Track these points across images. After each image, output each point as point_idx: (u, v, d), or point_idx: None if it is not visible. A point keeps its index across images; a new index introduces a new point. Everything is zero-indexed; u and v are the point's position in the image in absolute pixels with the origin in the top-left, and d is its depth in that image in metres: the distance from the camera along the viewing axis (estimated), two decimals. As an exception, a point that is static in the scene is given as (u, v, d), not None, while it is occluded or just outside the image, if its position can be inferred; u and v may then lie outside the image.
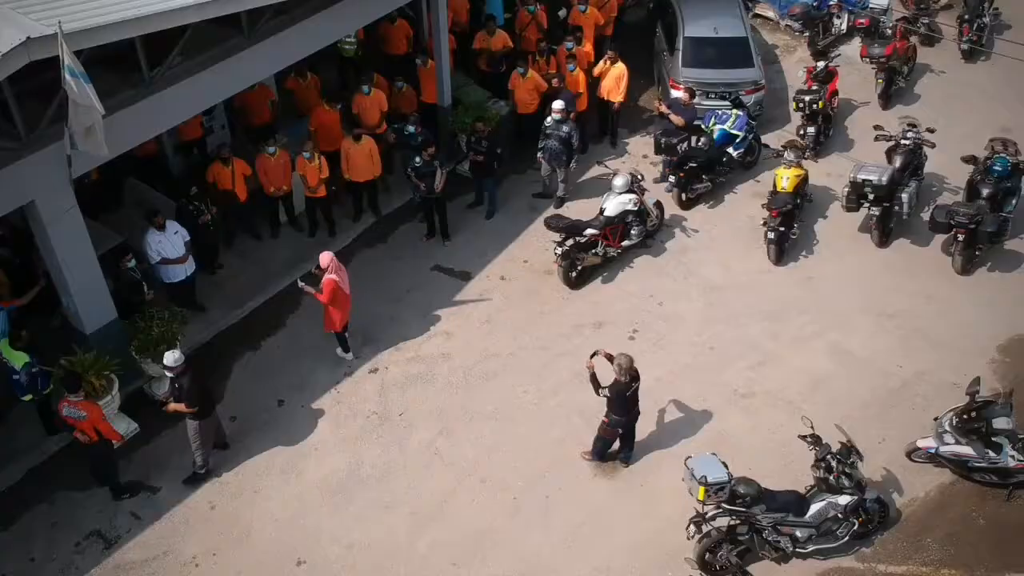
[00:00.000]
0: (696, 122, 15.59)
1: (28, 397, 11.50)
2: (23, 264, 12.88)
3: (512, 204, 15.81)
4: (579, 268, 14.10)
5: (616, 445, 11.68)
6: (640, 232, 14.42)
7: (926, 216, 14.71)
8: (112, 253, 12.68)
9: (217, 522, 11.25)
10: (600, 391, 11.05)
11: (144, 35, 10.50)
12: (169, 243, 12.84)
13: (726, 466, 10.25)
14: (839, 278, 14.35)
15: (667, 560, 10.77)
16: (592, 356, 11.16)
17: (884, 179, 13.99)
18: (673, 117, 15.44)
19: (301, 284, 12.55)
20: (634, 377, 11.05)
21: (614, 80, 16.11)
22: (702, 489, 10.02)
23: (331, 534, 11.10)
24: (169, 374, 11.12)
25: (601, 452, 11.67)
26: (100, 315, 11.97)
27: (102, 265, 11.92)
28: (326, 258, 12.51)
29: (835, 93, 16.90)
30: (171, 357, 11.03)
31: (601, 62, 16.34)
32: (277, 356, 13.28)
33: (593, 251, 14.09)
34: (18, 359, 11.33)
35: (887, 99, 17.73)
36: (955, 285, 14.14)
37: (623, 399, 11.04)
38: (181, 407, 11.14)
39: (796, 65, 18.91)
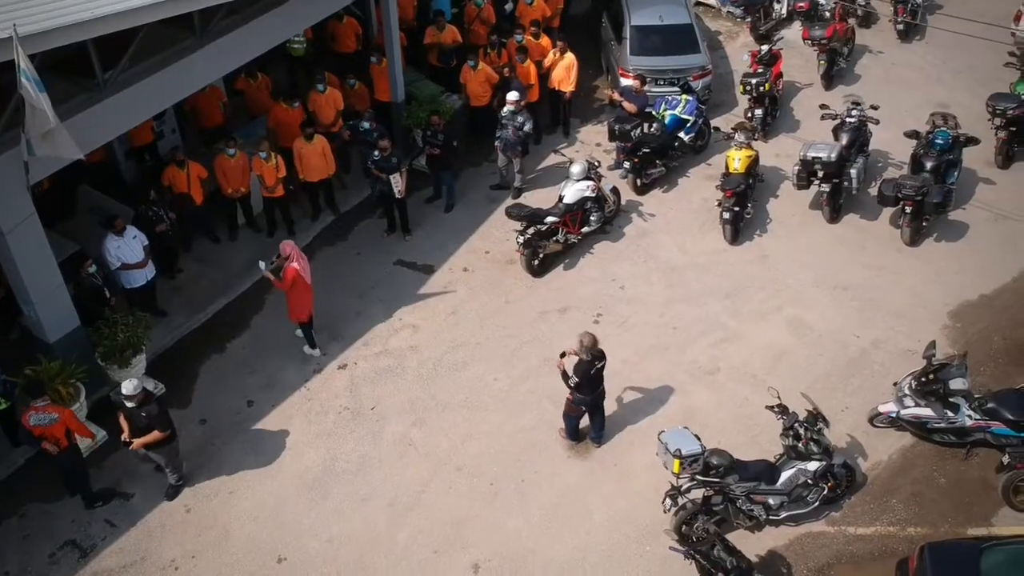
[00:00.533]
0: (647, 109, 15.85)
1: (4, 405, 11.28)
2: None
3: (470, 196, 15.92)
4: (541, 256, 14.25)
5: (586, 422, 11.84)
6: (599, 218, 14.64)
7: (873, 191, 15.17)
8: (70, 261, 12.52)
9: (194, 524, 11.19)
10: (569, 380, 11.21)
11: (97, 37, 10.41)
12: (128, 248, 12.72)
13: (698, 438, 10.48)
14: (793, 254, 14.70)
15: (643, 535, 10.97)
16: (562, 356, 11.30)
17: (833, 156, 14.38)
18: (626, 104, 15.68)
19: (263, 269, 12.54)
20: (597, 356, 11.23)
21: (564, 70, 16.31)
22: (677, 462, 10.23)
23: (310, 529, 11.11)
24: (129, 404, 10.59)
25: (573, 431, 11.83)
26: (63, 323, 11.81)
27: (61, 273, 11.75)
28: (287, 247, 12.56)
29: (780, 75, 17.29)
30: (129, 386, 10.52)
31: (551, 53, 16.50)
32: (243, 357, 13.23)
33: (554, 238, 14.26)
34: None
35: (829, 80, 18.19)
36: (904, 256, 14.58)
37: (587, 378, 11.22)
38: (152, 437, 10.73)
39: (740, 50, 19.30)
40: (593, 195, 14.45)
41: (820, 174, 14.62)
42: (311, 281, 12.69)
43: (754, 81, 16.46)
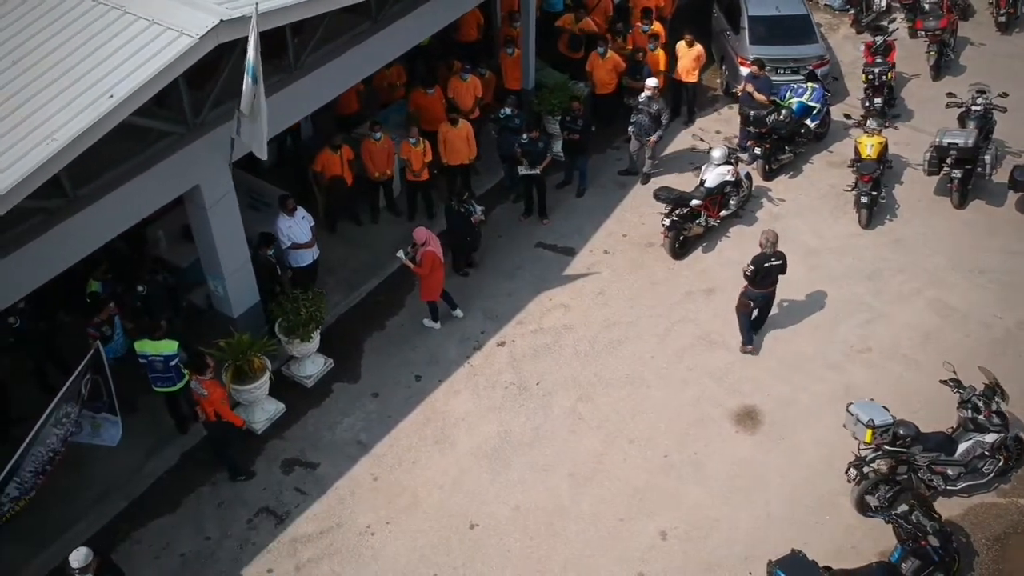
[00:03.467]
0: (772, 96, 16.18)
1: (185, 380, 11.59)
2: (137, 258, 13.04)
3: (599, 182, 16.24)
4: (683, 238, 14.58)
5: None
6: (738, 202, 14.99)
7: (997, 179, 15.46)
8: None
9: (383, 492, 11.55)
10: (745, 268, 12.66)
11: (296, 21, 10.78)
12: (298, 227, 13.06)
13: (887, 409, 10.79)
14: (926, 239, 15.00)
15: (821, 505, 11.30)
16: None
17: (969, 142, 14.70)
18: (757, 96, 15.96)
19: (402, 257, 12.99)
20: (775, 254, 12.39)
21: (692, 61, 16.63)
22: (869, 432, 10.57)
23: (497, 498, 11.45)
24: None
25: (746, 330, 12.88)
26: (246, 298, 12.24)
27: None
28: (422, 233, 13.01)
29: (893, 65, 17.59)
30: (78, 556, 9.13)
31: (679, 44, 16.81)
32: (404, 334, 13.58)
33: (696, 221, 14.59)
34: (168, 347, 11.38)
35: (938, 70, 18.47)
36: (1036, 240, 14.91)
37: (760, 268, 12.49)
38: None
39: (842, 42, 19.67)
40: (732, 179, 14.79)
41: (952, 160, 14.93)
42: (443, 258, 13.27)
43: (877, 70, 16.81)
